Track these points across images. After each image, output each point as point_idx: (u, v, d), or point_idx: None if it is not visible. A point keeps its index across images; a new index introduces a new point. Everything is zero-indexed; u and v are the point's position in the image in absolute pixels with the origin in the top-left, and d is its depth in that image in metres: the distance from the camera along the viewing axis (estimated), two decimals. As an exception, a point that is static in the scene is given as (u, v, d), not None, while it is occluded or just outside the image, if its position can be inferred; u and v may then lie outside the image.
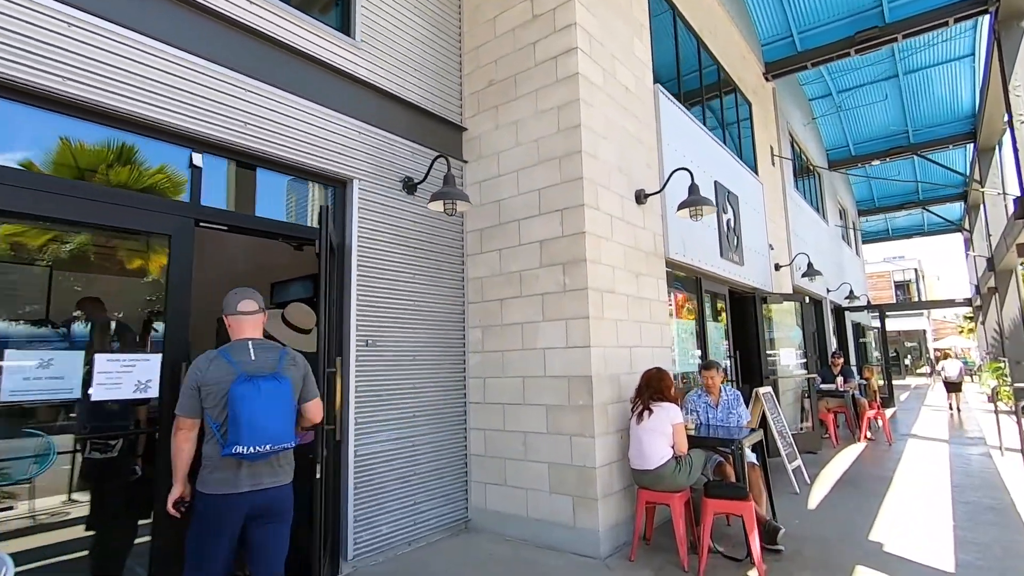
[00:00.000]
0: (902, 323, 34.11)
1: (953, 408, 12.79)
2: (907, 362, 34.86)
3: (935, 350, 31.64)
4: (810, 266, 9.06)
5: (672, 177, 5.02)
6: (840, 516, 4.77)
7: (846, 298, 13.18)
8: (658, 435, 3.83)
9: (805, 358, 8.22)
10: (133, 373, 2.87)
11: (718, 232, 6.60)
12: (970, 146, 14.74)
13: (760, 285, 7.75)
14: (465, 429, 4.75)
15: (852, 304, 13.74)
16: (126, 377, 2.84)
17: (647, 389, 4.02)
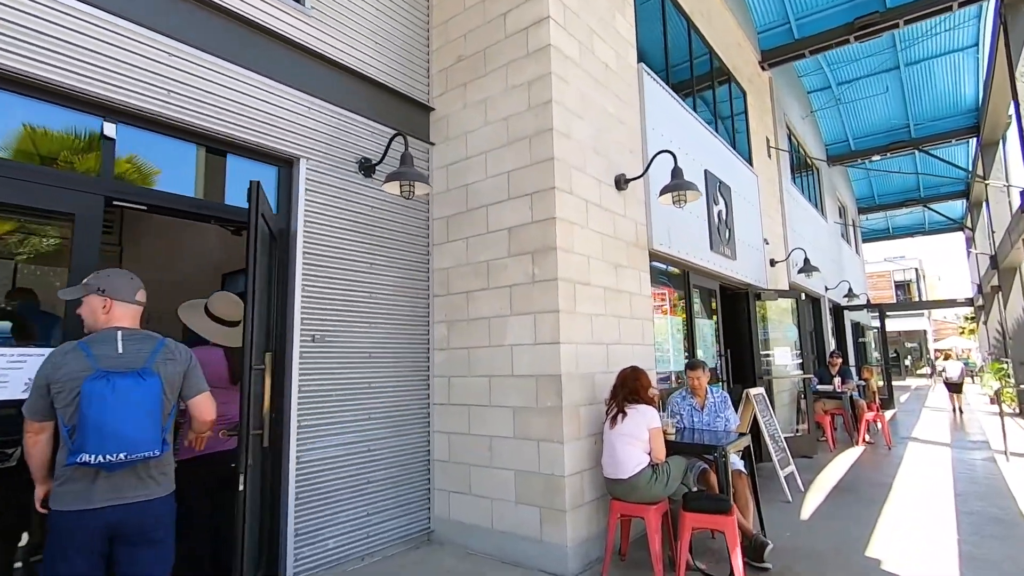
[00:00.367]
0: (902, 323, 33.72)
1: (955, 409, 12.73)
2: (907, 363, 34.48)
3: (936, 351, 31.31)
4: (807, 262, 8.68)
5: (657, 163, 4.65)
6: (835, 528, 4.41)
7: (845, 296, 12.81)
8: (633, 440, 3.47)
9: (801, 358, 7.85)
10: (24, 370, 2.51)
11: (708, 224, 6.23)
12: (973, 141, 14.37)
13: (754, 281, 7.38)
14: (429, 432, 4.39)
15: (851, 303, 13.35)
16: (14, 375, 2.48)
17: (621, 390, 3.65)
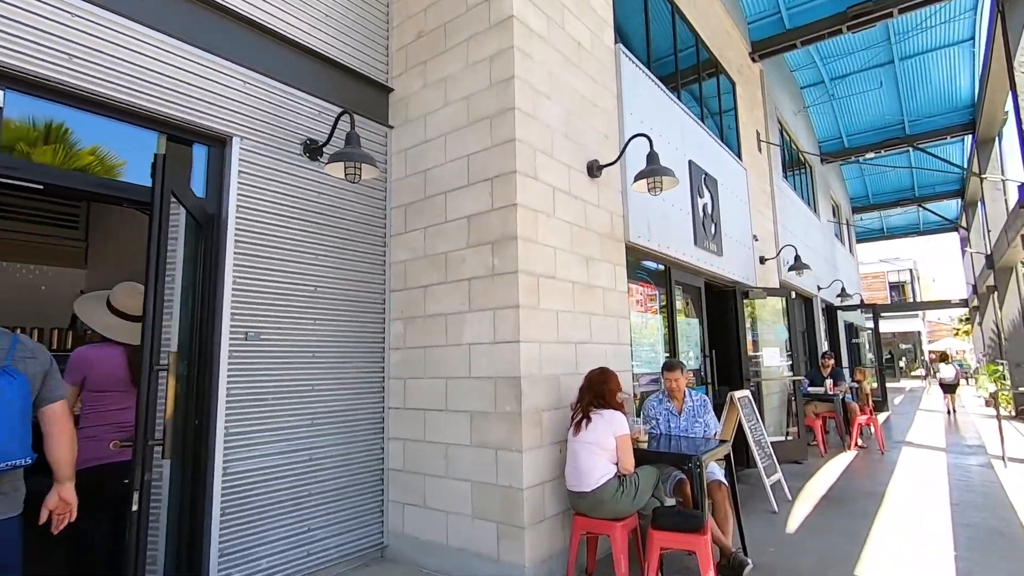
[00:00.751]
0: (897, 324, 33.50)
1: (949, 410, 12.61)
2: (902, 364, 34.29)
3: (930, 352, 31.13)
4: (797, 259, 8.37)
5: (636, 151, 4.32)
6: (823, 543, 4.07)
7: (838, 296, 12.51)
8: (597, 449, 3.13)
9: (792, 359, 7.52)
10: None
11: (692, 218, 5.90)
12: (968, 138, 14.12)
13: (742, 278, 7.06)
14: (383, 439, 4.04)
15: (845, 303, 13.06)
16: None
17: (587, 393, 3.32)
